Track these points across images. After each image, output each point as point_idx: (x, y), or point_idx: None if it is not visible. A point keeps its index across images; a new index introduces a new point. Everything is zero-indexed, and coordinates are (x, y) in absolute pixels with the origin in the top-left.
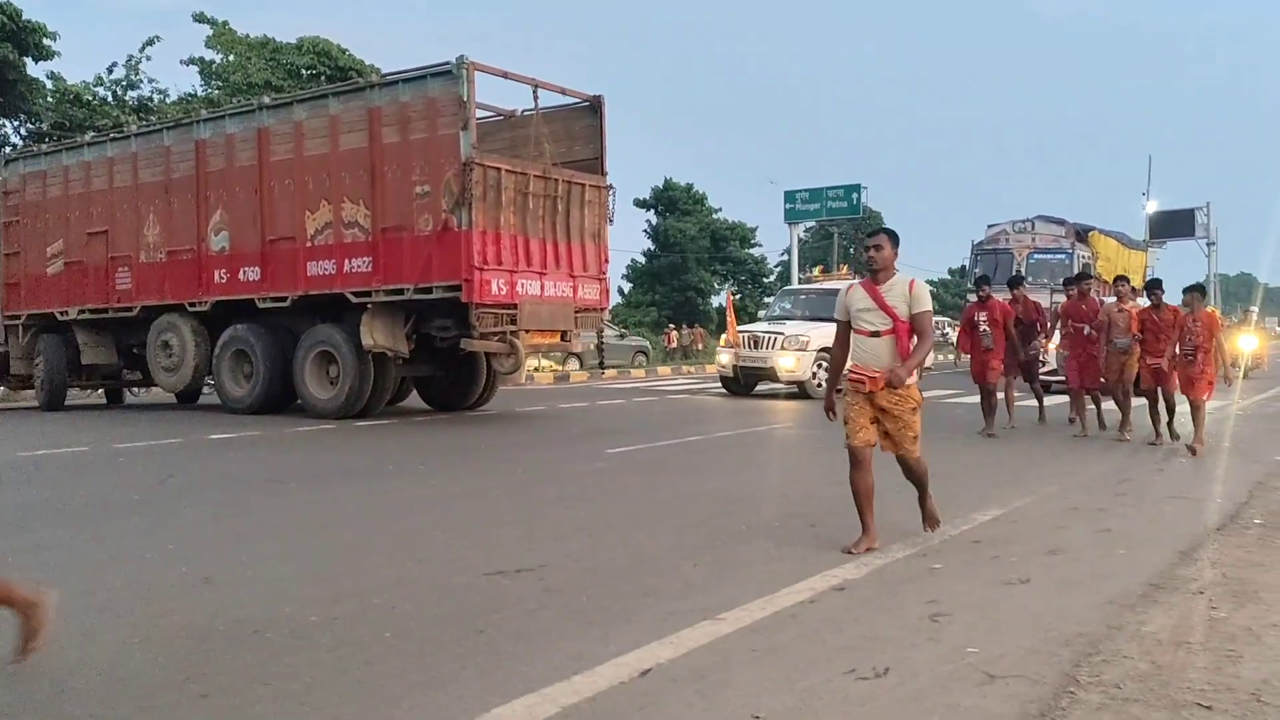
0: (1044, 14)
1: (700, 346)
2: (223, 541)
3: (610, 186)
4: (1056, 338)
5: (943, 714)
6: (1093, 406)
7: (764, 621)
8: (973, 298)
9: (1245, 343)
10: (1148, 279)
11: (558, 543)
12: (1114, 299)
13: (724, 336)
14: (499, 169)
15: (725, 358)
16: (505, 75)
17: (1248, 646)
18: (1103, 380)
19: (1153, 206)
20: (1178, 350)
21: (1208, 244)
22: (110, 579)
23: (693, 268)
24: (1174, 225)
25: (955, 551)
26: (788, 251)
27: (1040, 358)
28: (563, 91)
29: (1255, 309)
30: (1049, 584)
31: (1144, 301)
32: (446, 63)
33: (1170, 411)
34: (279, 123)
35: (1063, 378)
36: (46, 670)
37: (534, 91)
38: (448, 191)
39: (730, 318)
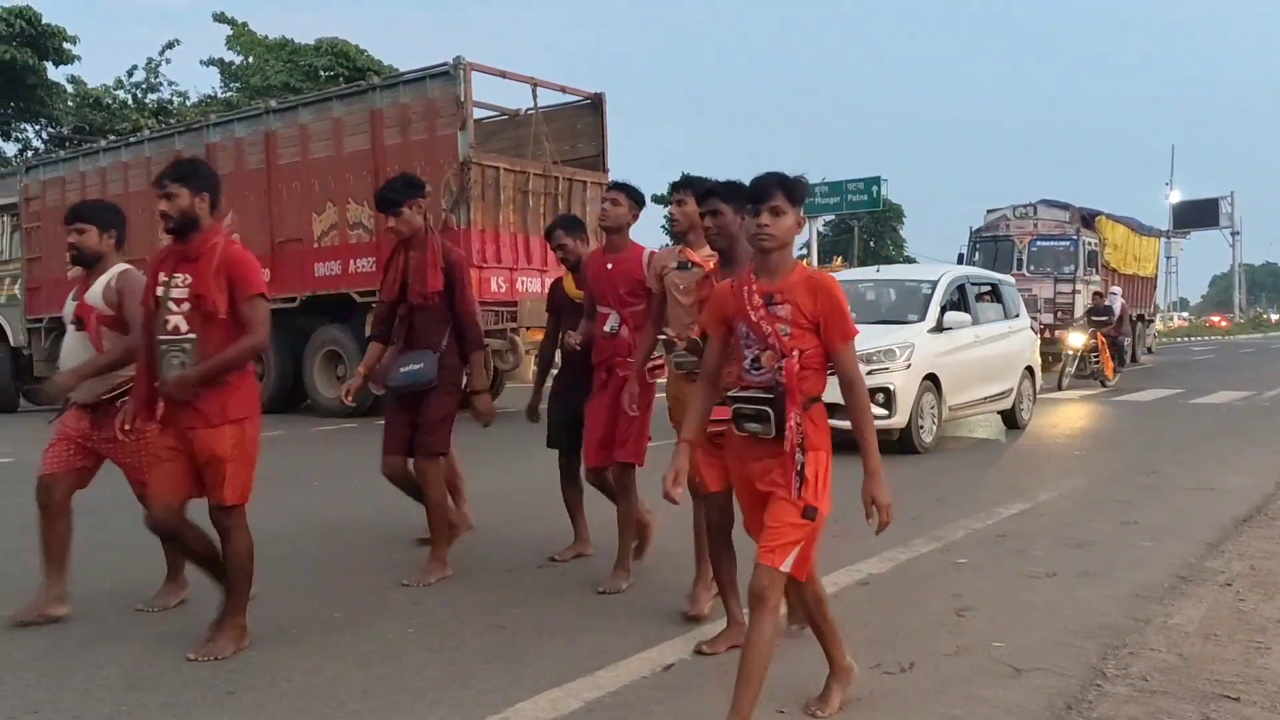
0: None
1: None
2: None
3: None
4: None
5: (967, 708)
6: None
7: (786, 616)
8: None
9: (1075, 340)
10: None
11: None
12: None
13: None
14: (497, 168)
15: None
16: (504, 75)
17: (1275, 638)
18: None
19: (1176, 196)
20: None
21: (1232, 234)
22: (134, 578)
23: None
24: (1198, 215)
25: (979, 546)
26: (806, 245)
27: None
28: (562, 90)
29: (1094, 284)
30: (1074, 577)
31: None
32: (444, 64)
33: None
34: (285, 126)
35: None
36: (76, 669)
37: (533, 90)
38: (447, 191)
39: None
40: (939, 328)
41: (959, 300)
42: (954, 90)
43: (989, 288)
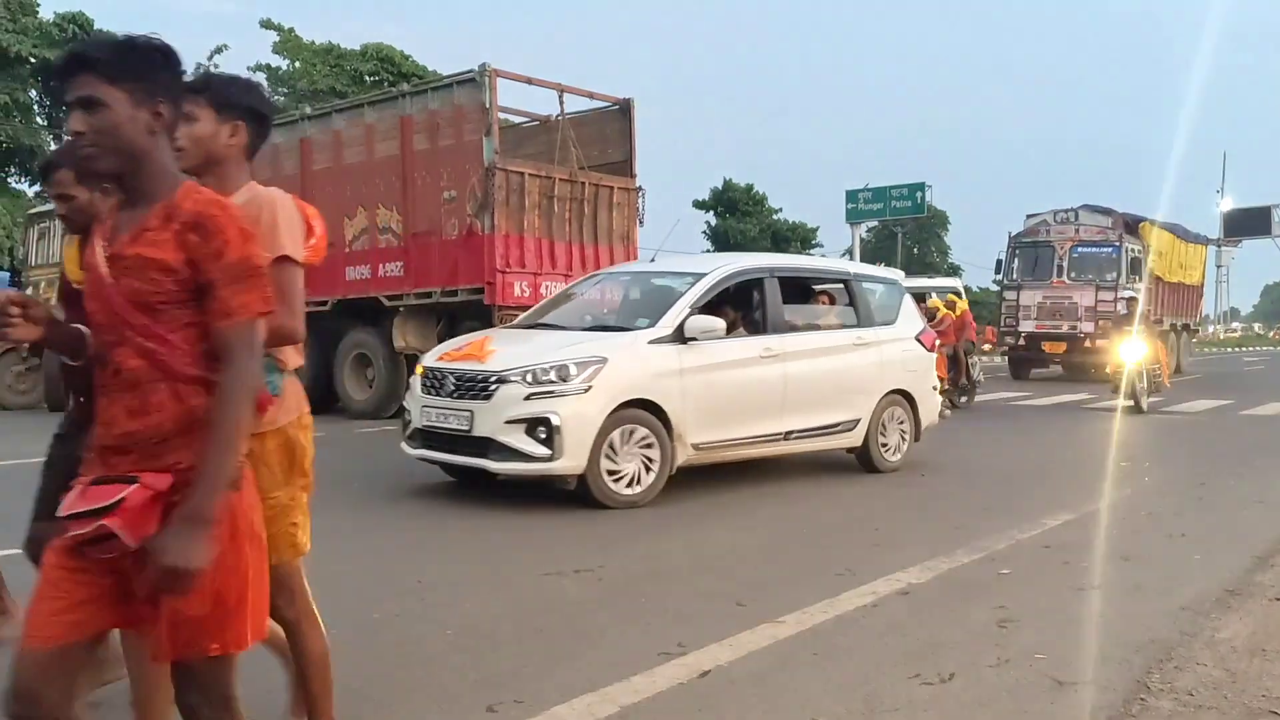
0: (1114, 6)
1: None
2: None
3: (640, 189)
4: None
5: None
6: None
7: (825, 625)
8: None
9: (1128, 353)
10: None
11: (616, 543)
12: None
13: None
14: (522, 173)
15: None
16: (529, 81)
17: None
18: None
19: (1227, 204)
20: None
21: None
22: None
23: None
24: (1249, 223)
25: (1024, 557)
26: (849, 252)
27: None
28: (590, 95)
29: (1137, 291)
30: (1121, 590)
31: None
32: (470, 71)
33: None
34: (320, 132)
35: None
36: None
37: (560, 96)
38: (472, 196)
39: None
40: (680, 337)
41: (759, 301)
42: (1001, 95)
43: (839, 285)
